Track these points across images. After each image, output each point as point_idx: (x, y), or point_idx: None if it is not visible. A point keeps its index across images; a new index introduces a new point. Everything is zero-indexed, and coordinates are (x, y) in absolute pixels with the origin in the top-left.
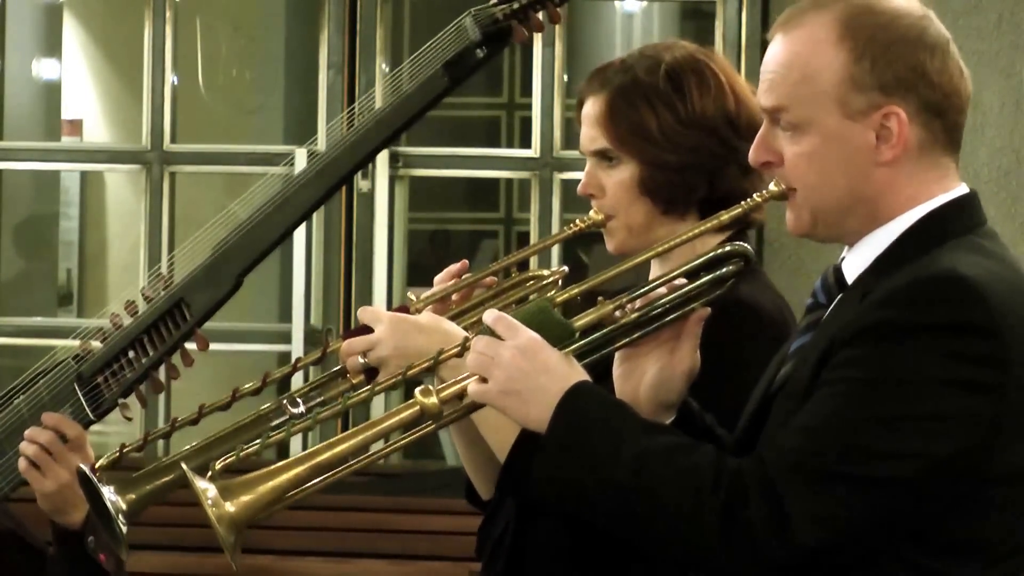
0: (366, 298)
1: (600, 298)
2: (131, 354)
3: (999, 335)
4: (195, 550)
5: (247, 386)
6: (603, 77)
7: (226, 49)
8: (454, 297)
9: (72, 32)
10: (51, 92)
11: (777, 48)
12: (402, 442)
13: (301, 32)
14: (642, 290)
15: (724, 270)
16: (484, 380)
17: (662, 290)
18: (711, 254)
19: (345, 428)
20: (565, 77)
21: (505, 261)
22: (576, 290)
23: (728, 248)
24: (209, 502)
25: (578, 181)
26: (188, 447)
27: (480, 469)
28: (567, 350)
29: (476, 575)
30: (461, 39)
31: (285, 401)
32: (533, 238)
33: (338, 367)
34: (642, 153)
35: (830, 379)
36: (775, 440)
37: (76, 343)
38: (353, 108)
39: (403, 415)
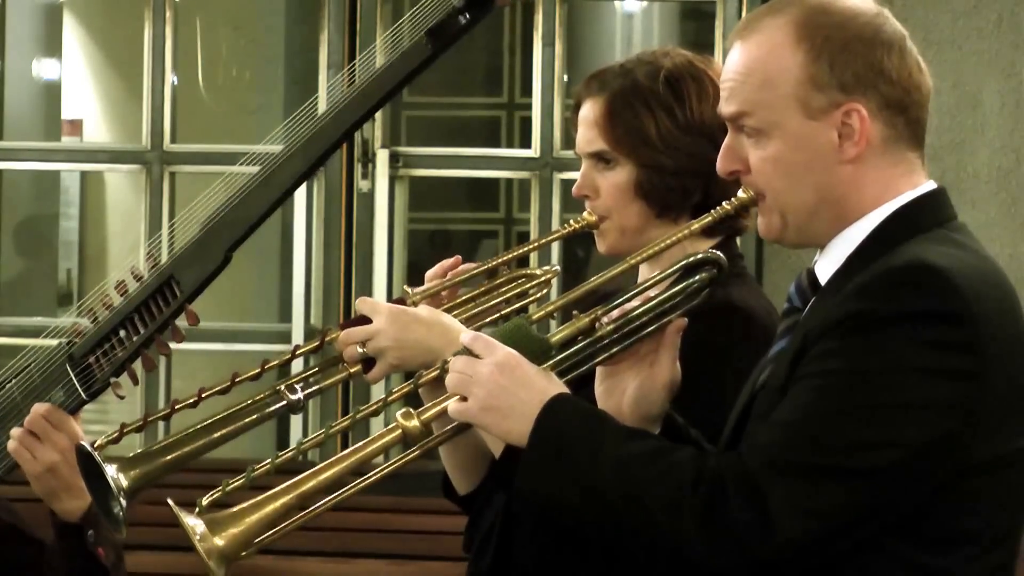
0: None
1: (575, 312)
2: (122, 333)
3: (972, 322)
4: (194, 550)
5: (247, 373)
6: (602, 80)
7: (226, 49)
8: (444, 293)
9: (72, 32)
10: (51, 92)
11: (735, 55)
12: (390, 468)
13: (301, 32)
14: (616, 302)
15: (698, 279)
16: (464, 399)
17: (636, 302)
18: (683, 263)
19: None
20: (565, 77)
21: (498, 259)
22: (552, 307)
23: (700, 256)
24: (197, 537)
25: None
26: (187, 429)
27: (459, 465)
28: (545, 365)
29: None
30: (444, 6)
31: (283, 387)
32: (533, 238)
33: (335, 355)
34: (639, 156)
35: (805, 373)
36: (753, 437)
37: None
38: (353, 65)
39: (386, 439)
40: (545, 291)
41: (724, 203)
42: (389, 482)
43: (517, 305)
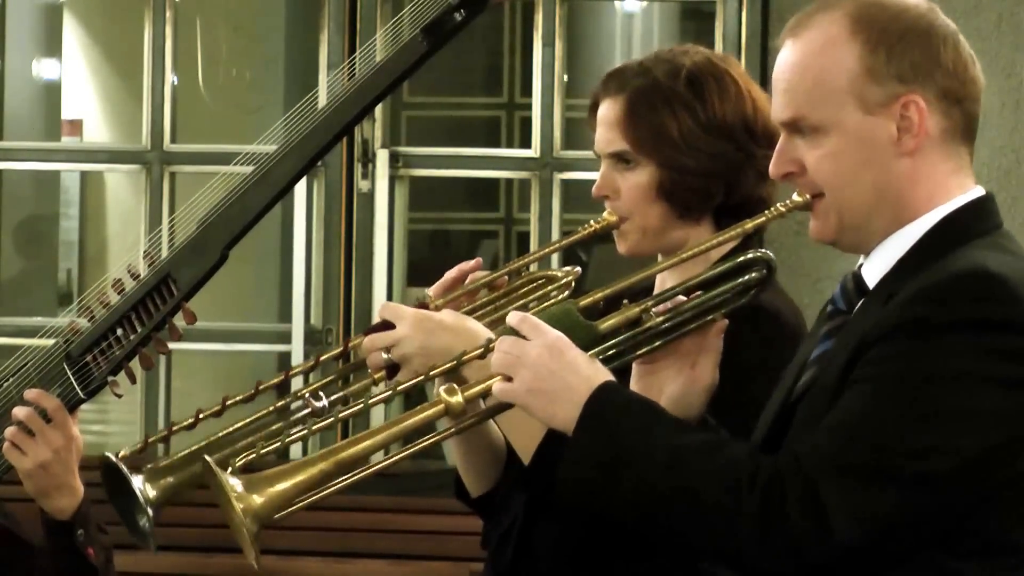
0: (366, 298)
1: (625, 301)
2: (119, 331)
3: None
4: (195, 550)
5: (270, 381)
6: (621, 79)
7: (226, 49)
8: (463, 297)
9: (72, 32)
10: (51, 92)
11: (787, 54)
12: (422, 445)
13: (301, 32)
14: (668, 295)
15: (748, 278)
16: (509, 379)
17: (685, 297)
18: (733, 262)
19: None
20: (565, 77)
21: (518, 262)
22: (600, 295)
23: (751, 255)
24: (235, 495)
25: (578, 181)
26: (208, 438)
27: (472, 467)
28: (592, 352)
29: (477, 575)
30: (440, 2)
31: (308, 394)
32: (533, 238)
33: (358, 361)
34: (661, 156)
35: (862, 376)
36: (809, 439)
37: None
38: (354, 58)
39: (427, 413)
40: (566, 293)
41: (779, 205)
42: (389, 482)
43: (538, 309)
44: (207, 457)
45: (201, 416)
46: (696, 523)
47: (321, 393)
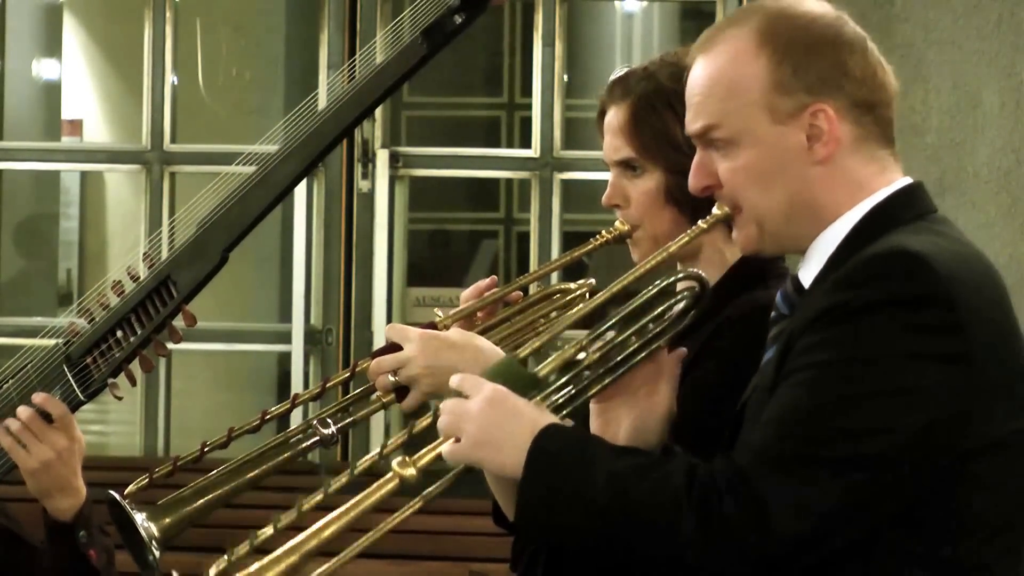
0: (366, 298)
1: (559, 343)
2: (119, 333)
3: (954, 304)
4: (195, 550)
5: (277, 410)
6: (625, 85)
7: (226, 49)
8: (479, 314)
9: (72, 32)
10: (51, 92)
11: (698, 69)
12: (401, 517)
13: (301, 32)
14: (600, 330)
15: (679, 300)
16: (458, 440)
17: (615, 331)
18: (662, 284)
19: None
20: (565, 77)
21: (530, 276)
22: (546, 337)
23: (680, 275)
24: None
25: (578, 181)
26: (217, 470)
27: (505, 489)
28: (536, 398)
29: (477, 575)
30: (438, 5)
31: (316, 422)
32: (533, 238)
33: (366, 386)
34: (667, 161)
35: (792, 369)
36: (744, 438)
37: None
38: (354, 60)
39: (384, 490)
40: (580, 305)
41: (700, 222)
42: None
43: (555, 320)
44: (175, 574)
45: (207, 448)
46: (644, 542)
47: (328, 420)
